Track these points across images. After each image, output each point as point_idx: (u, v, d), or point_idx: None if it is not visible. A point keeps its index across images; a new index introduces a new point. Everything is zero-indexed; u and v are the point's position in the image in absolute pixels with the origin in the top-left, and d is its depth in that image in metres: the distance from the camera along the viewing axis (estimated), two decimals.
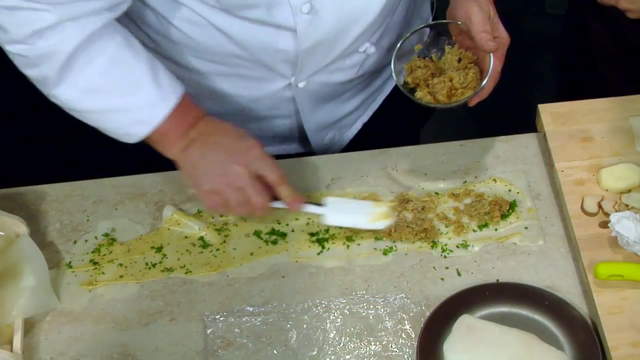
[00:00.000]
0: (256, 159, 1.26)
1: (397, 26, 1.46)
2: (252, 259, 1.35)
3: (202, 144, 1.27)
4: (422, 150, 1.46)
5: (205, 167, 1.26)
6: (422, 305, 1.28)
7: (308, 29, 1.28)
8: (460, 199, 1.39)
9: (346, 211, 1.33)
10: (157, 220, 1.39)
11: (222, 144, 1.27)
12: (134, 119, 1.26)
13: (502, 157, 1.43)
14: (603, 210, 1.32)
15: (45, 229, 1.39)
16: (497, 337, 1.22)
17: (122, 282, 1.33)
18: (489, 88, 1.29)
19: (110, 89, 1.24)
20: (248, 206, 1.27)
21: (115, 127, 1.28)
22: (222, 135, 1.28)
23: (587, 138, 1.40)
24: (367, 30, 1.34)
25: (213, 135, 1.28)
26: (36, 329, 1.29)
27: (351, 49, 1.38)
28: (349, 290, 1.31)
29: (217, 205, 1.28)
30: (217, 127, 1.29)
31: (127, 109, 1.25)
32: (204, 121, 1.30)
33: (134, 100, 1.25)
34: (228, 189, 1.25)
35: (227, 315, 1.29)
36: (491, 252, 1.33)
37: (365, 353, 1.24)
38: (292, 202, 1.28)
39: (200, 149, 1.27)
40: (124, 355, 1.26)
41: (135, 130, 1.26)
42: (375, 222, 1.32)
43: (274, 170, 1.26)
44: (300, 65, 1.35)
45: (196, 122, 1.29)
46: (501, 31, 1.28)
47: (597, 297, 1.24)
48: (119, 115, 1.26)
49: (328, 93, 1.48)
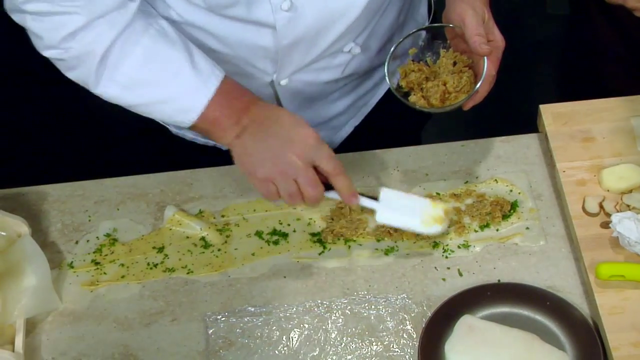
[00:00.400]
0: (312, 148, 1.22)
1: (387, 29, 1.45)
2: (253, 259, 1.35)
3: (256, 131, 1.24)
4: (424, 150, 1.46)
5: (260, 155, 1.22)
6: (423, 306, 1.28)
7: (288, 26, 1.27)
8: (461, 200, 1.39)
9: (400, 209, 1.28)
10: (158, 221, 1.40)
11: (276, 131, 1.23)
12: (177, 108, 1.25)
13: (504, 157, 1.43)
14: (604, 210, 1.32)
15: (47, 229, 1.39)
16: (498, 338, 1.22)
17: (124, 282, 1.33)
18: (484, 92, 1.28)
19: (149, 81, 1.24)
20: (301, 197, 1.23)
21: (163, 117, 1.28)
22: (277, 122, 1.24)
23: (589, 138, 1.40)
24: (349, 30, 1.33)
25: (267, 122, 1.24)
26: (38, 329, 1.29)
27: (335, 49, 1.37)
28: (351, 291, 1.31)
29: (271, 194, 1.24)
30: (272, 112, 1.26)
31: (169, 99, 1.24)
32: (257, 106, 1.26)
33: (174, 90, 1.24)
34: (281, 179, 1.22)
35: (229, 316, 1.29)
36: (492, 252, 1.33)
37: (367, 353, 1.24)
38: (348, 195, 1.24)
39: (254, 137, 1.23)
40: (125, 356, 1.26)
41: (182, 119, 1.25)
42: (428, 226, 1.28)
43: (330, 161, 1.22)
44: (280, 62, 1.35)
45: (248, 107, 1.25)
46: (496, 34, 1.27)
47: (599, 298, 1.24)
48: (163, 106, 1.25)
49: (314, 92, 1.47)
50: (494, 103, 1.35)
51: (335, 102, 1.54)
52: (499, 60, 1.28)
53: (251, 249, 1.36)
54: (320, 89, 1.47)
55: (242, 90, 1.27)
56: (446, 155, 1.44)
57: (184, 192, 1.42)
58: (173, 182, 1.43)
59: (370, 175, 1.43)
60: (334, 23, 1.31)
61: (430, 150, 1.45)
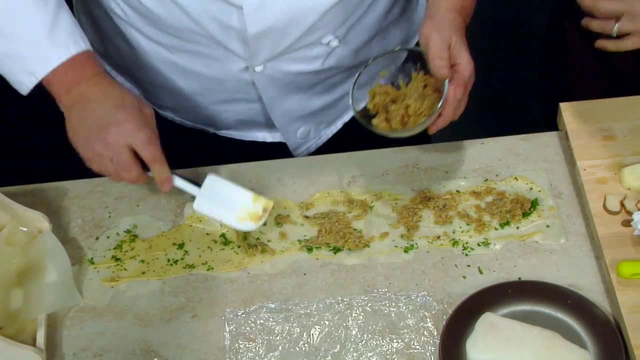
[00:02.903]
0: (127, 133, 1.25)
1: (371, 26, 1.44)
2: (273, 256, 1.35)
3: (81, 109, 1.27)
4: (443, 148, 1.45)
5: (80, 134, 1.26)
6: (444, 303, 1.28)
7: (256, 12, 1.28)
8: (481, 197, 1.39)
9: (220, 201, 1.28)
10: (178, 217, 1.40)
11: (98, 113, 1.26)
12: (21, 67, 1.26)
13: (524, 155, 1.43)
14: (625, 208, 1.32)
15: (68, 225, 1.40)
16: (519, 335, 1.22)
17: (144, 279, 1.34)
18: (449, 115, 1.27)
19: (2, 32, 1.25)
20: (119, 177, 1.27)
21: (9, 72, 1.28)
22: (101, 102, 1.26)
23: (609, 136, 1.40)
24: (324, 22, 1.33)
25: (93, 101, 1.26)
26: (59, 325, 1.30)
27: (310, 40, 1.37)
28: (371, 288, 1.31)
29: (95, 169, 1.29)
30: (100, 91, 1.27)
31: (16, 56, 1.26)
32: (91, 82, 1.27)
33: (23, 48, 1.25)
34: (98, 159, 1.26)
35: (249, 312, 1.29)
36: (513, 250, 1.33)
37: (387, 350, 1.24)
38: (161, 183, 1.28)
39: (79, 114, 1.27)
40: (146, 352, 1.27)
41: (22, 79, 1.27)
42: (242, 222, 1.28)
43: (146, 148, 1.25)
44: (252, 48, 1.35)
45: (82, 80, 1.27)
46: (463, 58, 1.26)
47: (620, 296, 1.24)
48: (8, 60, 1.27)
49: (293, 83, 1.46)
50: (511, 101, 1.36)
51: (319, 95, 1.53)
52: (466, 84, 1.26)
53: None
54: (300, 80, 1.46)
55: (88, 64, 1.28)
56: (466, 153, 1.44)
57: None
58: (193, 178, 1.43)
59: (389, 173, 1.43)
60: (305, 14, 1.30)
61: (450, 148, 1.45)
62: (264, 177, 1.43)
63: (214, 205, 1.29)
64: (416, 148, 1.45)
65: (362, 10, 1.39)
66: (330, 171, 1.44)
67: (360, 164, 1.44)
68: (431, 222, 1.37)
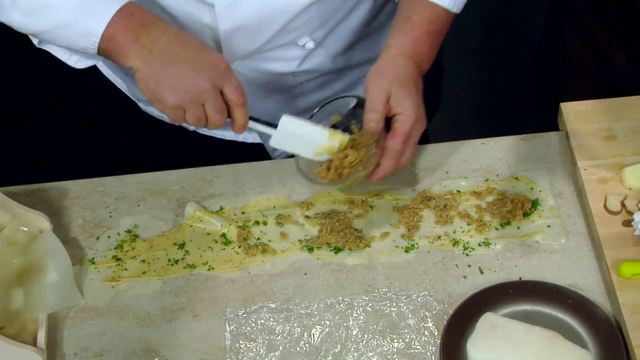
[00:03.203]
0: (222, 74, 1.21)
1: (352, 32, 1.43)
2: (274, 256, 1.35)
3: (164, 56, 1.20)
4: (444, 148, 1.45)
5: (170, 81, 1.20)
6: (444, 303, 1.28)
7: (228, 10, 1.27)
8: (482, 197, 1.39)
9: (295, 137, 1.26)
10: (179, 217, 1.40)
11: (185, 56, 1.20)
12: (78, 31, 1.22)
13: (524, 155, 1.43)
14: (626, 208, 1.32)
15: (68, 225, 1.40)
16: (520, 335, 1.22)
17: (145, 279, 1.34)
18: (388, 166, 1.24)
19: (47, 6, 1.21)
20: (206, 121, 1.23)
21: (68, 44, 1.25)
22: (184, 46, 1.21)
23: (610, 136, 1.40)
24: (297, 22, 1.32)
25: (174, 46, 1.21)
26: (60, 325, 1.30)
27: (285, 40, 1.36)
28: (372, 288, 1.31)
29: (177, 119, 1.23)
30: (175, 34, 1.22)
31: (69, 24, 1.21)
32: (158, 26, 1.21)
33: (72, 13, 1.21)
34: (192, 105, 1.21)
35: (250, 312, 1.29)
36: (513, 250, 1.33)
37: (388, 350, 1.24)
38: (240, 127, 1.24)
39: (161, 61, 1.20)
40: (147, 351, 1.27)
41: (85, 44, 1.22)
42: (320, 155, 1.26)
43: (237, 90, 1.22)
44: (225, 45, 1.34)
45: (148, 25, 1.21)
46: (405, 107, 1.23)
47: (621, 296, 1.24)
48: (64, 31, 1.22)
49: (270, 83, 1.45)
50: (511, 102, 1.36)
51: (298, 98, 1.52)
52: (406, 134, 1.23)
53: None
54: (277, 81, 1.45)
55: (145, 12, 1.23)
56: (466, 153, 1.44)
57: (205, 188, 1.43)
58: (193, 178, 1.43)
59: None
60: (277, 13, 1.30)
61: (451, 148, 1.45)
62: (265, 177, 1.43)
63: (290, 142, 1.27)
64: (417, 148, 1.45)
65: (342, 14, 1.38)
66: None
67: None
68: (432, 222, 1.37)
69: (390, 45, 1.29)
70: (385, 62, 1.27)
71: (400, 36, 1.29)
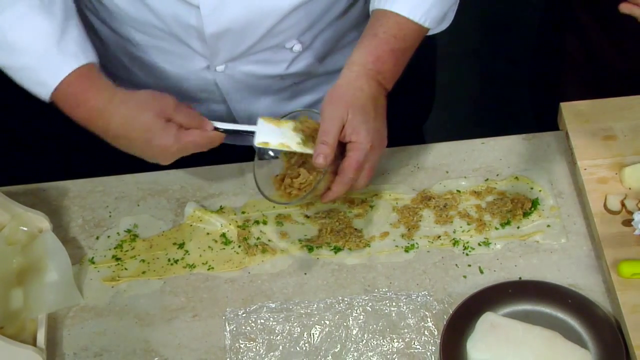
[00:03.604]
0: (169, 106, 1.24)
1: (341, 35, 1.43)
2: (273, 255, 1.35)
3: (111, 133, 1.25)
4: (444, 147, 1.45)
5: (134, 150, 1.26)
6: (444, 303, 1.28)
7: (213, 12, 1.27)
8: (482, 197, 1.39)
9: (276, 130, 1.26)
10: (179, 217, 1.40)
11: (134, 143, 1.25)
12: (35, 79, 1.26)
13: (524, 155, 1.43)
14: (626, 208, 1.32)
15: (68, 225, 1.40)
16: (520, 335, 1.22)
17: (145, 278, 1.34)
18: (339, 191, 1.22)
19: (12, 47, 1.25)
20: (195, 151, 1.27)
21: (26, 85, 1.28)
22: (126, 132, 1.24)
23: (610, 136, 1.40)
24: (284, 25, 1.32)
25: (120, 135, 1.25)
26: (59, 324, 1.30)
27: (272, 43, 1.36)
28: (372, 288, 1.31)
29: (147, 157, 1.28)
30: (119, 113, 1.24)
31: (28, 69, 1.25)
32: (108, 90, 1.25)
33: (33, 61, 1.25)
34: (172, 156, 1.25)
35: (250, 312, 1.29)
36: (513, 250, 1.33)
37: (388, 350, 1.24)
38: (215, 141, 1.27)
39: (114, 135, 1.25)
40: (146, 351, 1.27)
41: (39, 91, 1.26)
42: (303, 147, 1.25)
43: (188, 114, 1.24)
44: (211, 47, 1.34)
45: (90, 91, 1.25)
46: (361, 135, 1.19)
47: (621, 296, 1.24)
48: (22, 73, 1.26)
49: (257, 85, 1.45)
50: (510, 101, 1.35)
51: (287, 101, 1.52)
52: (359, 162, 1.20)
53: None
54: (264, 83, 1.45)
55: (98, 77, 1.27)
56: (466, 152, 1.44)
57: (204, 188, 1.43)
58: (193, 178, 1.43)
59: (390, 172, 1.43)
60: (264, 17, 1.30)
61: (451, 148, 1.45)
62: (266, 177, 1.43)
63: (274, 136, 1.25)
64: (417, 147, 1.45)
65: (330, 18, 1.38)
66: None
67: None
68: (432, 222, 1.37)
69: (352, 62, 1.25)
70: (344, 84, 1.23)
71: (364, 54, 1.24)
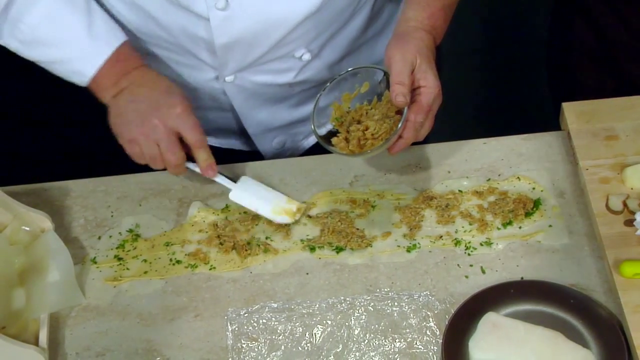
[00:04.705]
0: (177, 117, 1.27)
1: (349, 42, 1.44)
2: (275, 255, 1.35)
3: (130, 93, 1.30)
4: (445, 147, 1.45)
5: (128, 116, 1.29)
6: (446, 303, 1.28)
7: (223, 24, 1.28)
8: (484, 197, 1.39)
9: (255, 194, 1.36)
10: (181, 217, 1.40)
11: (147, 96, 1.29)
12: (71, 70, 1.30)
13: (526, 155, 1.43)
14: (628, 208, 1.32)
15: (70, 225, 1.40)
16: (522, 335, 1.22)
17: (147, 278, 1.34)
18: (409, 138, 1.24)
19: (45, 42, 1.28)
20: (161, 162, 1.29)
21: (61, 75, 1.32)
22: (150, 87, 1.30)
23: (612, 136, 1.40)
24: (293, 35, 1.33)
25: (142, 87, 1.30)
26: (62, 324, 1.30)
27: (281, 53, 1.36)
28: (373, 288, 1.31)
29: (135, 155, 1.31)
30: (149, 78, 1.32)
31: (63, 61, 1.29)
32: (139, 71, 1.32)
33: (68, 53, 1.29)
34: (144, 140, 1.28)
35: (252, 312, 1.29)
36: (515, 250, 1.33)
37: (390, 350, 1.24)
38: (206, 169, 1.32)
39: (127, 98, 1.30)
40: (149, 351, 1.27)
41: (76, 80, 1.30)
42: (277, 215, 1.35)
43: (193, 132, 1.28)
44: (220, 58, 1.35)
45: (130, 71, 1.31)
46: (429, 80, 1.24)
47: (623, 296, 1.24)
48: (58, 66, 1.30)
49: (266, 94, 1.46)
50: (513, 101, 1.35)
51: (294, 107, 1.52)
52: (429, 107, 1.24)
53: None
54: (273, 92, 1.46)
55: (131, 55, 1.32)
56: (468, 152, 1.44)
57: (206, 188, 1.43)
58: (195, 178, 1.43)
59: (392, 173, 1.43)
60: (273, 28, 1.31)
61: (453, 148, 1.45)
62: (267, 177, 1.43)
63: (250, 198, 1.35)
64: (418, 148, 1.45)
65: (337, 25, 1.38)
66: (332, 171, 1.44)
67: (363, 163, 1.44)
68: (433, 222, 1.37)
69: (408, 18, 1.29)
70: (406, 35, 1.26)
71: (418, 10, 1.30)
